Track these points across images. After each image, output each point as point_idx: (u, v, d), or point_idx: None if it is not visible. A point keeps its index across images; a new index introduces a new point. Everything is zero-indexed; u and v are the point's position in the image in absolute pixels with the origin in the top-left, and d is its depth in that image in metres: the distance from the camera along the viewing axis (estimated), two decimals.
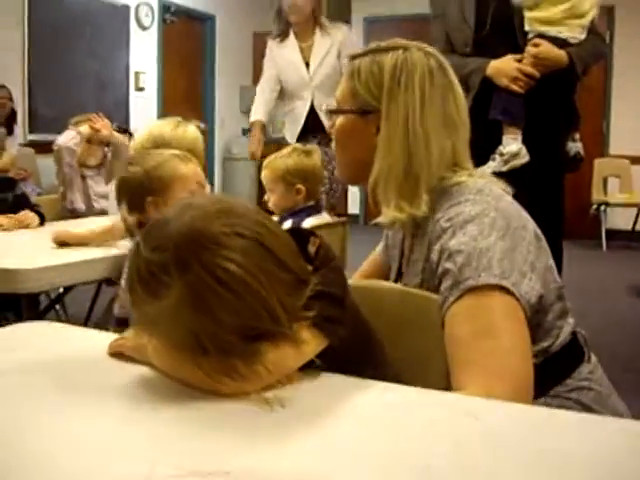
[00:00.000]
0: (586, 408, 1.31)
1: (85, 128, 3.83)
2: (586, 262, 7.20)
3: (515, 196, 2.86)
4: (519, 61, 2.74)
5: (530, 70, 2.72)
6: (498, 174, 2.68)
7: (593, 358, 1.41)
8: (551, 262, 1.36)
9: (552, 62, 2.72)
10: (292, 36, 4.42)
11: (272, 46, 4.49)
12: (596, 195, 8.37)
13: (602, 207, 8.28)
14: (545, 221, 2.87)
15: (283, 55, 4.44)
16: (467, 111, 1.46)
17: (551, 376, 1.31)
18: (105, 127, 3.87)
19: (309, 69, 4.37)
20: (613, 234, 8.27)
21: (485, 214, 1.26)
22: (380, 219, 1.41)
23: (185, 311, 0.95)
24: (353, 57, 1.47)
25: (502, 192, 1.37)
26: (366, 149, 1.41)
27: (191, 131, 2.48)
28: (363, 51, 1.47)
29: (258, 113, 4.54)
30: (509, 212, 1.29)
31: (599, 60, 3.03)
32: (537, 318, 1.26)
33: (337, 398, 0.97)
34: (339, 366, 1.05)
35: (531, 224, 1.34)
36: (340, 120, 1.47)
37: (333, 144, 1.52)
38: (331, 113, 1.53)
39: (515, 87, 2.73)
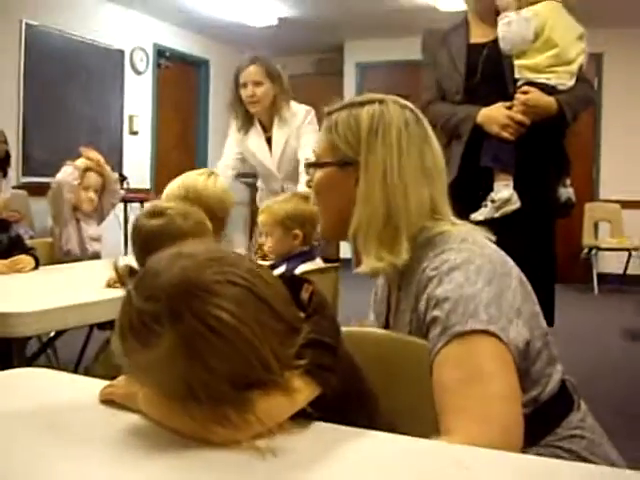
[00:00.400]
0: (578, 457, 1.31)
1: (81, 161, 3.85)
2: (578, 306, 7.20)
3: (507, 242, 2.89)
4: (509, 108, 2.78)
5: (520, 117, 2.75)
6: (490, 220, 2.74)
7: (583, 405, 1.41)
8: (537, 309, 1.36)
9: (542, 109, 2.75)
10: (257, 125, 4.05)
11: (235, 133, 4.11)
12: (587, 239, 8.41)
13: (593, 251, 8.32)
14: (538, 266, 2.91)
15: (248, 147, 4.07)
16: (443, 161, 1.48)
17: (541, 425, 1.30)
18: (97, 156, 3.90)
19: (273, 159, 4.04)
20: (604, 278, 8.30)
21: (471, 261, 1.27)
22: (361, 269, 1.43)
23: (177, 360, 0.95)
24: (330, 112, 1.50)
25: (485, 240, 1.39)
26: (346, 201, 1.43)
27: (222, 182, 2.53)
28: (340, 105, 1.50)
29: None
30: (494, 259, 1.31)
31: (588, 106, 3.07)
32: (525, 365, 1.26)
33: (328, 447, 0.97)
34: (331, 415, 1.04)
35: (516, 270, 1.35)
36: (319, 173, 1.50)
37: (312, 198, 1.55)
38: (310, 166, 1.55)
39: (505, 134, 2.76)
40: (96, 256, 3.91)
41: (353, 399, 1.12)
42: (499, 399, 1.15)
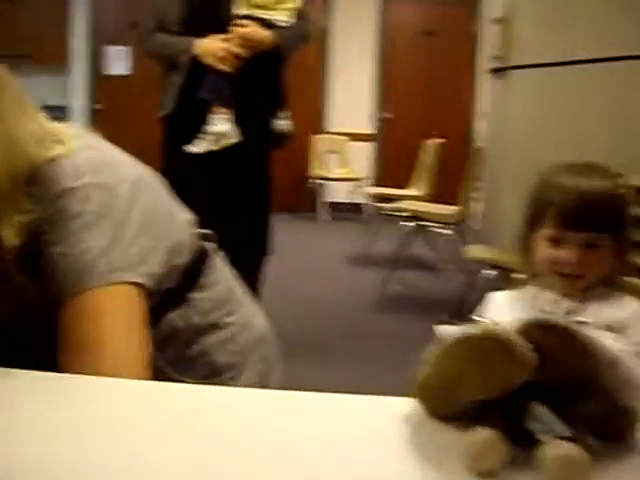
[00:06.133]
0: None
1: None
2: (305, 234, 7.55)
3: (223, 173, 2.94)
4: (226, 41, 2.79)
5: (237, 50, 2.78)
6: (210, 153, 2.77)
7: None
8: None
9: (258, 42, 2.80)
10: None
11: None
12: (314, 170, 8.73)
13: (320, 181, 8.67)
14: (255, 196, 3.00)
15: None
16: None
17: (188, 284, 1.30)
18: None
19: None
20: (331, 207, 8.70)
21: (87, 201, 1.13)
22: None
23: None
24: None
25: (97, 153, 1.21)
26: None
27: None
28: None
29: None
30: (109, 184, 1.16)
31: (305, 42, 3.15)
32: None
33: None
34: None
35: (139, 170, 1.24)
36: None
37: None
38: None
39: (222, 67, 2.78)
40: None
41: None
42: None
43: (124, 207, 1.15)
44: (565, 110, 4.16)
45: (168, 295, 1.25)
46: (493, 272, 3.43)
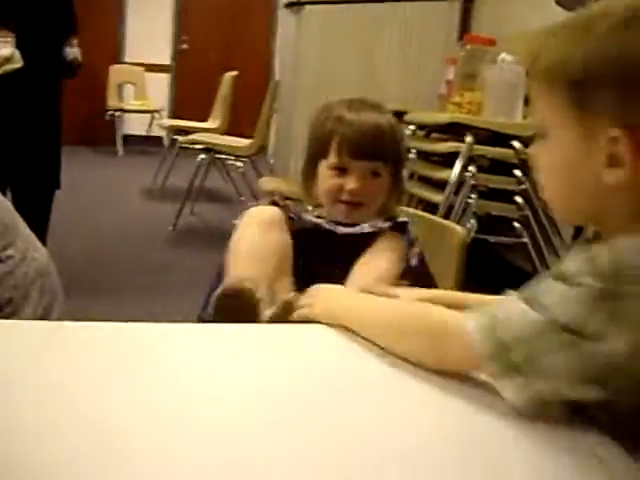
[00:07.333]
0: None
1: None
2: (103, 167, 7.36)
3: (9, 102, 2.83)
4: None
5: None
6: None
7: None
8: None
9: None
10: None
11: None
12: (112, 102, 8.47)
13: (117, 113, 8.44)
14: (43, 126, 2.91)
15: None
16: None
17: None
18: None
19: None
20: (128, 139, 8.51)
21: None
22: None
23: None
24: None
25: None
26: None
27: None
28: None
29: None
30: None
31: None
32: None
33: None
34: None
35: None
36: None
37: None
38: None
39: None
40: None
41: None
42: None
43: None
44: (355, 46, 4.31)
45: None
46: None
